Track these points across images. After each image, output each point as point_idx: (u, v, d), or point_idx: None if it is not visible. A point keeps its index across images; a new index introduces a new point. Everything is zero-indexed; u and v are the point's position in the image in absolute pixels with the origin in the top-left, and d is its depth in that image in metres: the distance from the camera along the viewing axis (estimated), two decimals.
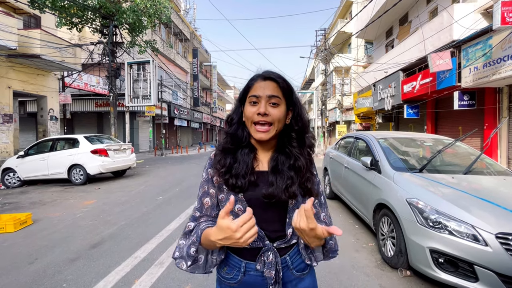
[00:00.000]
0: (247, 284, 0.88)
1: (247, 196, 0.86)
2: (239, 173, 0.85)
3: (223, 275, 0.91)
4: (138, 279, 2.45)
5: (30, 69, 11.43)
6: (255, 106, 0.85)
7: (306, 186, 0.88)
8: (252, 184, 0.86)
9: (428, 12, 11.12)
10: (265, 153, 0.93)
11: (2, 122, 10.46)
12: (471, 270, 2.03)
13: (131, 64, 13.06)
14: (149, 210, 4.76)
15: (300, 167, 0.88)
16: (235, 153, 0.90)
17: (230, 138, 0.92)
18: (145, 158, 15.09)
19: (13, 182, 7.36)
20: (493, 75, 6.33)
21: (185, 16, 30.36)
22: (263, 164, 0.91)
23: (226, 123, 0.97)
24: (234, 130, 0.92)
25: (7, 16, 9.26)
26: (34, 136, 15.97)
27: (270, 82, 0.86)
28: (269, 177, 0.87)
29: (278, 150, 0.92)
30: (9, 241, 3.43)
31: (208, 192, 0.90)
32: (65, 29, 11.17)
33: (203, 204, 0.90)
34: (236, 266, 0.88)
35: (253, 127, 0.86)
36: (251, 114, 0.85)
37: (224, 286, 0.91)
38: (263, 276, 0.85)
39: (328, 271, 2.60)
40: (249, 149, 0.91)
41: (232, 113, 0.96)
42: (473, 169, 3.09)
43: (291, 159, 0.89)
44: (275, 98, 0.85)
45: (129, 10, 10.72)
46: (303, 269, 0.92)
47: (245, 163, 0.87)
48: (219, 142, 0.96)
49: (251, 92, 0.87)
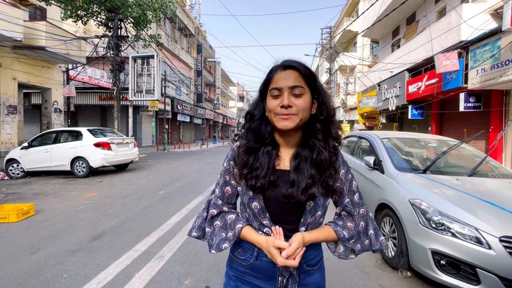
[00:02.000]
0: (257, 268, 0.89)
1: (266, 195, 0.85)
2: (259, 175, 0.84)
3: (236, 255, 0.93)
4: (138, 272, 2.46)
5: (35, 61, 11.47)
6: (277, 99, 0.82)
7: (328, 184, 0.85)
8: (272, 184, 0.84)
9: (436, 11, 10.97)
10: (288, 149, 0.90)
11: (6, 113, 10.54)
12: (473, 273, 2.01)
13: (135, 58, 13.07)
14: (150, 204, 4.78)
15: (323, 161, 0.84)
16: (258, 151, 0.88)
17: (253, 134, 0.90)
18: (147, 153, 15.15)
19: (16, 173, 7.42)
20: (501, 77, 6.24)
21: (190, 11, 30.25)
22: (285, 163, 0.89)
23: (245, 119, 0.94)
24: (257, 126, 0.89)
25: (13, 7, 9.28)
26: (38, 128, 16.07)
27: (291, 71, 0.82)
28: (290, 176, 0.85)
29: (301, 145, 0.89)
30: (12, 231, 3.46)
31: (229, 182, 0.93)
32: (70, 21, 11.19)
33: (224, 192, 0.93)
34: (249, 249, 0.90)
35: (276, 117, 0.83)
36: (274, 107, 0.82)
37: (235, 265, 0.93)
38: (273, 264, 0.86)
39: (328, 269, 2.57)
40: (272, 146, 0.89)
41: (253, 109, 0.92)
42: (478, 171, 3.05)
43: (314, 152, 0.85)
44: (298, 88, 0.81)
45: (135, 4, 10.70)
46: (314, 265, 0.93)
47: (266, 163, 0.86)
48: (240, 135, 0.94)
49: (272, 85, 0.83)
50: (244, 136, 0.92)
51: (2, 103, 10.37)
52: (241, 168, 0.87)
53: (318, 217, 0.90)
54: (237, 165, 0.89)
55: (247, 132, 0.92)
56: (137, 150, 9.06)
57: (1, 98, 10.33)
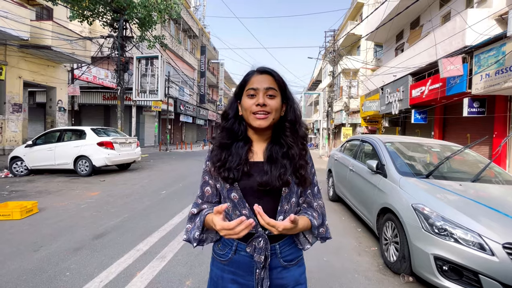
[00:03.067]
0: (236, 263, 0.93)
1: (242, 185, 0.90)
2: (231, 166, 0.89)
3: (216, 251, 0.98)
4: (139, 272, 2.47)
5: (40, 60, 11.59)
6: (253, 98, 0.89)
7: (300, 173, 0.92)
8: (246, 174, 0.89)
9: (440, 16, 10.96)
10: (260, 144, 0.96)
11: (12, 112, 10.64)
12: (475, 279, 2.00)
13: (139, 59, 13.15)
14: (152, 204, 4.80)
15: (293, 155, 0.92)
16: (231, 147, 0.94)
17: (226, 132, 0.96)
18: (150, 153, 15.20)
19: (20, 170, 7.48)
20: (505, 83, 6.22)
21: (195, 13, 30.45)
22: (258, 155, 0.94)
23: (222, 118, 1.00)
24: (231, 125, 0.96)
25: (21, 6, 9.40)
26: (42, 126, 16.20)
27: (266, 75, 0.91)
28: (264, 166, 0.91)
29: (272, 141, 0.95)
30: (15, 228, 3.49)
31: (208, 182, 0.98)
32: (76, 22, 11.30)
33: (204, 192, 0.98)
34: (228, 244, 0.94)
35: (252, 116, 0.89)
36: (250, 105, 0.89)
37: (216, 263, 0.98)
38: (252, 258, 0.90)
39: (329, 274, 2.59)
40: (244, 142, 0.95)
41: (228, 109, 0.99)
42: (481, 177, 3.04)
43: (285, 147, 0.93)
44: (272, 90, 0.89)
45: (140, 5, 10.79)
46: (290, 260, 0.96)
47: (239, 155, 0.91)
48: (215, 137, 0.99)
49: (249, 86, 0.91)
50: (219, 136, 0.97)
51: (7, 101, 10.48)
52: (215, 162, 0.93)
53: (294, 204, 0.94)
54: (212, 162, 0.94)
55: (221, 131, 0.97)
56: (140, 150, 9.10)
57: (7, 97, 10.44)
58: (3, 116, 10.38)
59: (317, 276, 2.52)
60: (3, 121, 10.39)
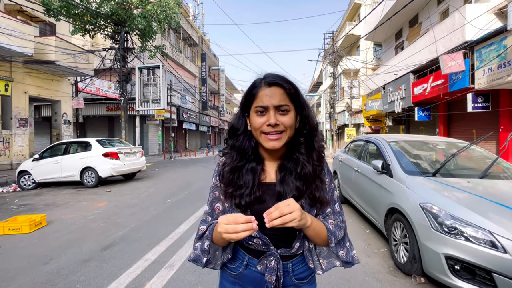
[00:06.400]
0: (246, 278, 0.90)
1: (254, 210, 0.85)
2: (243, 193, 0.84)
3: (226, 264, 0.93)
4: (148, 282, 2.47)
5: (45, 75, 11.82)
6: (263, 116, 0.81)
7: (314, 195, 0.85)
8: (259, 200, 0.84)
9: (439, 13, 10.95)
10: (273, 162, 0.90)
11: (18, 126, 10.82)
12: (489, 278, 1.96)
13: (141, 69, 13.33)
14: (158, 213, 4.81)
15: (307, 174, 0.85)
16: (242, 169, 0.88)
17: (236, 152, 0.89)
18: (154, 161, 15.29)
19: (28, 184, 7.58)
20: (509, 76, 6.16)
21: (194, 21, 30.86)
22: (271, 175, 0.89)
23: (230, 135, 0.93)
24: (240, 143, 0.89)
25: (24, 24, 9.64)
26: (48, 139, 16.44)
27: (276, 88, 0.81)
28: (276, 189, 0.85)
29: (285, 157, 0.89)
30: (25, 242, 3.52)
31: (219, 197, 0.92)
32: (78, 35, 11.52)
33: (214, 209, 0.92)
34: (239, 258, 0.91)
35: (263, 136, 0.82)
36: (260, 125, 0.81)
37: (226, 276, 0.94)
38: (262, 274, 0.87)
39: (339, 277, 2.56)
40: (256, 162, 0.88)
41: (236, 123, 0.91)
42: (489, 173, 2.99)
43: (298, 166, 0.86)
44: (284, 107, 0.80)
45: (140, 16, 10.99)
46: (303, 279, 0.92)
47: (251, 180, 0.85)
48: (225, 152, 0.93)
49: (256, 102, 0.82)
50: (228, 154, 0.91)
51: (14, 116, 10.67)
52: (226, 187, 0.88)
53: None
54: (223, 183, 0.89)
55: (231, 149, 0.91)
56: (145, 159, 9.17)
57: (13, 112, 10.64)
58: (10, 131, 10.56)
59: (327, 280, 2.49)
60: (10, 136, 10.57)
